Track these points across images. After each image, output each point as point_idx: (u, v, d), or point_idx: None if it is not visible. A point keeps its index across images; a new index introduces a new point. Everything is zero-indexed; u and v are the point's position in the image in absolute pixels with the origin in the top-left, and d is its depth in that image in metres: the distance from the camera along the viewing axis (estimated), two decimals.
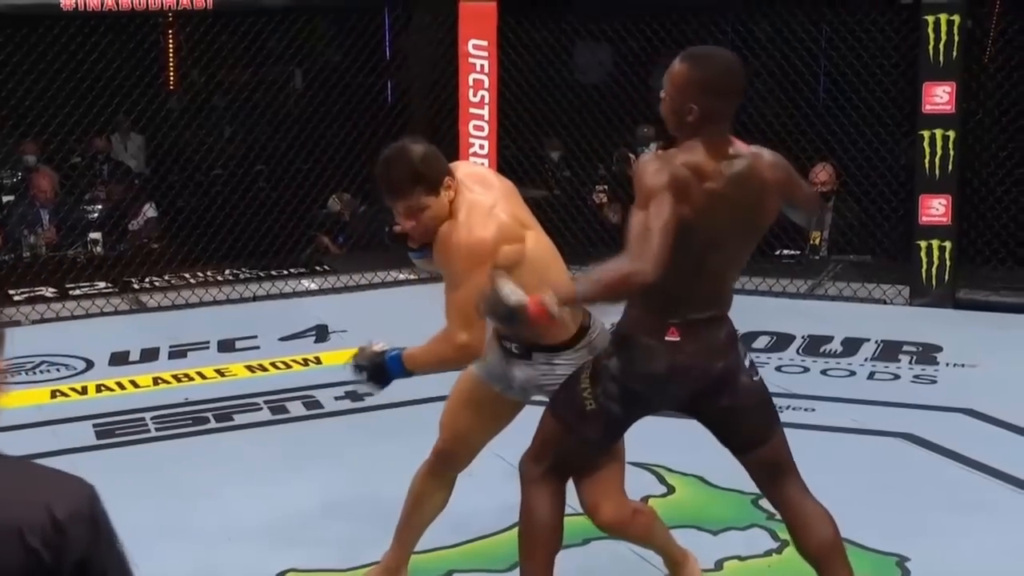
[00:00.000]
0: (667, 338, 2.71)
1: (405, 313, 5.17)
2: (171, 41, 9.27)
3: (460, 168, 2.96)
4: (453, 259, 2.78)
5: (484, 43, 7.14)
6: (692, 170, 2.66)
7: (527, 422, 3.23)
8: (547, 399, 3.04)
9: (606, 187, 7.81)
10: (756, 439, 2.83)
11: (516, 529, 3.61)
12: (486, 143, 7.23)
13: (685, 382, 2.75)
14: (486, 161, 7.26)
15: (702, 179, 2.66)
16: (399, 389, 5.01)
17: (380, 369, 2.91)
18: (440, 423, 3.18)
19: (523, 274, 2.76)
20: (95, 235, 7.65)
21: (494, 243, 2.77)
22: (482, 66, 7.16)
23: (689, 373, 2.74)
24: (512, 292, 2.57)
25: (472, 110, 7.22)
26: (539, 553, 2.87)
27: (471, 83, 7.19)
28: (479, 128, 7.23)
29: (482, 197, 2.85)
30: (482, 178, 2.96)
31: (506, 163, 7.55)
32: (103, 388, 5.32)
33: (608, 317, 2.95)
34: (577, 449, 2.85)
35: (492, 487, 3.89)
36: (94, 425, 4.81)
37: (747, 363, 2.81)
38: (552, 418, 2.87)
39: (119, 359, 5.74)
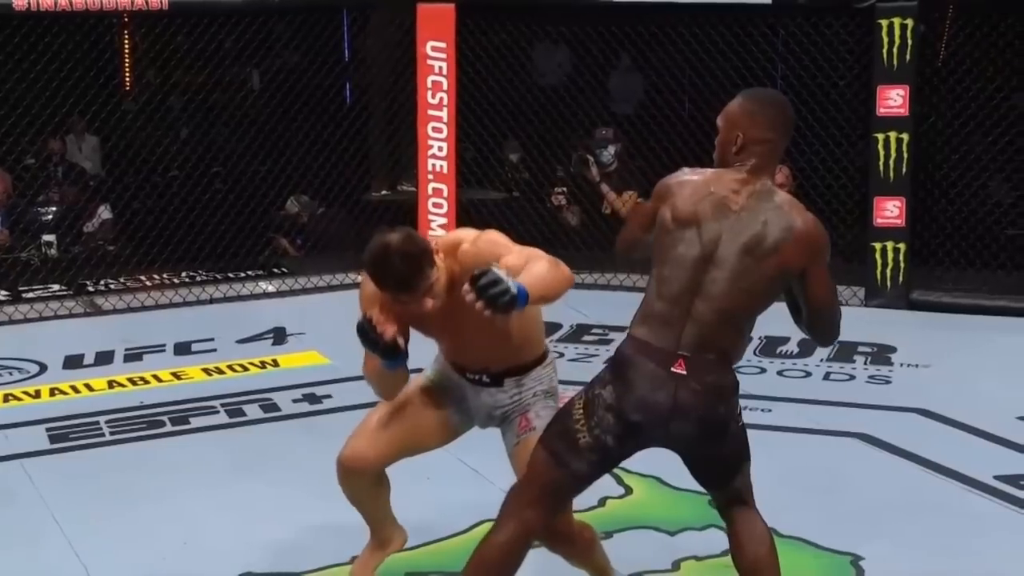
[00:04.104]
0: (673, 369, 2.66)
1: None
2: (126, 42, 9.18)
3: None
4: (493, 247, 2.83)
5: (442, 45, 7.14)
6: (699, 180, 2.73)
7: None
8: (500, 430, 3.04)
9: (565, 189, 7.82)
10: (725, 481, 2.84)
11: (475, 530, 3.63)
12: (445, 145, 7.23)
13: (686, 423, 2.68)
14: (445, 164, 7.26)
15: (711, 186, 2.70)
16: (357, 393, 4.99)
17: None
18: (359, 432, 3.06)
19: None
20: (49, 237, 7.57)
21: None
22: (440, 68, 7.15)
23: (690, 415, 2.67)
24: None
25: (431, 112, 7.21)
26: None
27: (429, 85, 7.18)
28: (438, 130, 7.22)
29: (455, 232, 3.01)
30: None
31: (465, 165, 7.56)
32: (57, 392, 5.26)
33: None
34: (566, 484, 2.77)
35: (451, 489, 3.90)
36: (47, 429, 4.75)
37: (737, 411, 2.79)
38: (542, 451, 2.78)
39: (73, 362, 5.68)
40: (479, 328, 2.87)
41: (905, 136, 6.53)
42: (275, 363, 5.67)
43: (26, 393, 5.23)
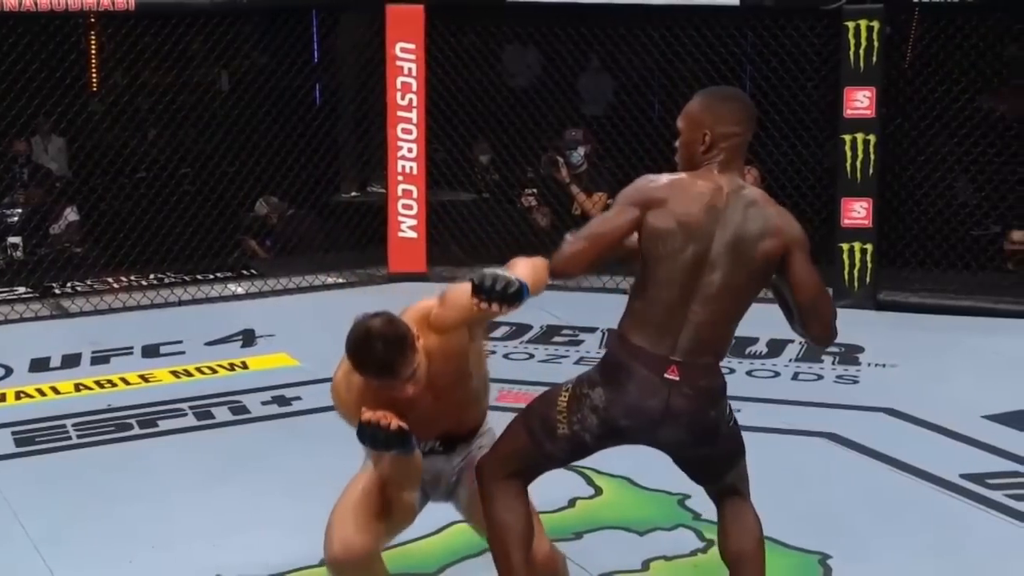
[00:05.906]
0: (667, 375, 2.67)
1: (333, 317, 5.13)
2: (93, 42, 9.12)
3: None
4: (460, 293, 2.75)
5: (412, 46, 7.13)
6: (680, 183, 2.72)
7: None
8: (456, 504, 3.03)
9: (535, 190, 7.83)
10: (719, 476, 2.86)
11: (445, 531, 3.63)
12: (414, 146, 7.22)
13: (676, 428, 2.69)
14: (415, 165, 7.25)
15: (695, 187, 2.70)
16: (327, 395, 4.98)
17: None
18: (342, 527, 2.92)
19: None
20: (14, 239, 7.51)
21: None
22: (410, 69, 7.15)
23: (680, 419, 2.68)
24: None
25: (400, 113, 7.20)
26: (516, 553, 2.79)
27: (399, 86, 7.17)
28: (407, 131, 7.21)
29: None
30: None
31: (435, 166, 7.55)
32: (22, 395, 5.22)
33: None
34: (542, 462, 2.83)
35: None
36: (13, 433, 4.71)
37: (728, 411, 2.80)
38: (522, 429, 2.82)
39: (39, 365, 5.63)
40: (453, 396, 2.88)
41: (872, 138, 6.58)
42: (244, 365, 5.65)
43: None
